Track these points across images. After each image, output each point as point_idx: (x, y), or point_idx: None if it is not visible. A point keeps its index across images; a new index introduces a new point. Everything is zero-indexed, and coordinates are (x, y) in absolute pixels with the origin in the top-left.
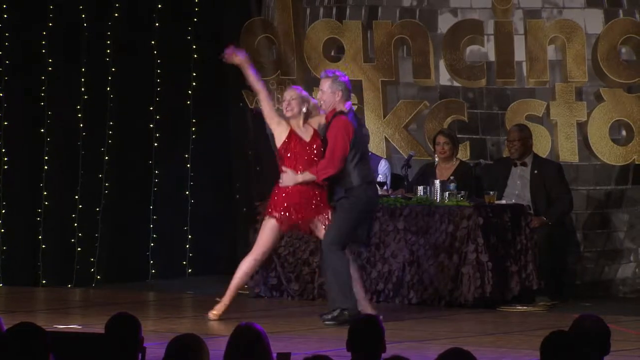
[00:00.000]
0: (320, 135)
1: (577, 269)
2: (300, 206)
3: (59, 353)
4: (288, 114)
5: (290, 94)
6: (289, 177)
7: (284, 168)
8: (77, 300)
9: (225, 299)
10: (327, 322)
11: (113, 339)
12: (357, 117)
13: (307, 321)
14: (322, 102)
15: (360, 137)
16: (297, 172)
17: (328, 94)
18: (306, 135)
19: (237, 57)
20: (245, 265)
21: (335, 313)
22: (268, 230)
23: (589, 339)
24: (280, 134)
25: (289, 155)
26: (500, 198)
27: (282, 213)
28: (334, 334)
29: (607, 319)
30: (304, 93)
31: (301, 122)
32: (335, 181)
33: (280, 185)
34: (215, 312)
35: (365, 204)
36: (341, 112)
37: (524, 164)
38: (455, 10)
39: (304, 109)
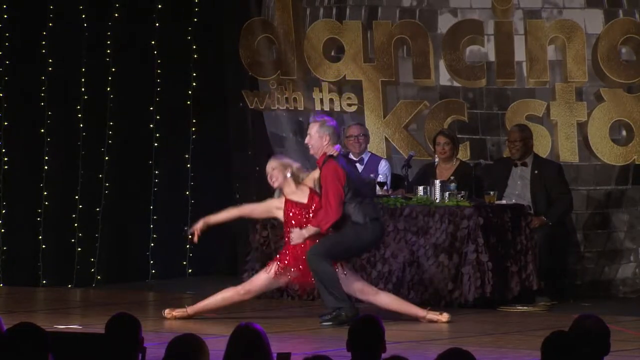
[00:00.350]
0: (318, 192)
1: (577, 269)
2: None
3: (59, 353)
4: (275, 185)
5: (270, 165)
6: (296, 235)
7: (290, 229)
8: (77, 300)
9: (191, 310)
10: (324, 323)
11: (113, 339)
12: (349, 159)
13: (307, 321)
14: (310, 146)
15: (354, 178)
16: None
17: (316, 138)
18: (302, 197)
19: (201, 226)
20: (227, 293)
21: (332, 314)
22: (264, 277)
23: (590, 339)
24: (280, 212)
25: (290, 222)
26: (500, 198)
27: (281, 268)
28: (333, 334)
29: (607, 319)
30: (284, 160)
31: (293, 186)
32: (339, 225)
33: (291, 244)
34: (174, 313)
35: (369, 243)
36: (331, 157)
37: (524, 164)
38: (455, 11)
39: (288, 174)
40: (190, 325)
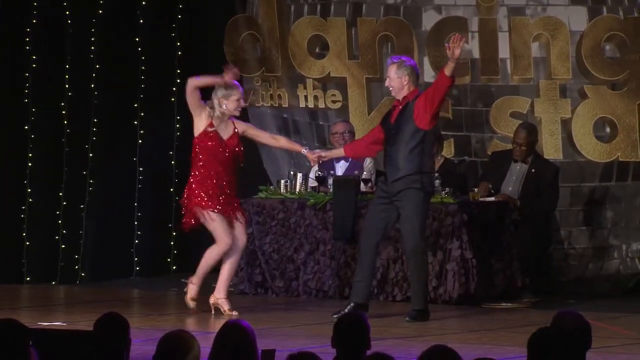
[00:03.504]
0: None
1: (561, 266)
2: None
3: (45, 351)
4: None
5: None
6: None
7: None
8: (62, 297)
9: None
10: (407, 319)
11: (102, 338)
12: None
13: (292, 318)
14: (390, 88)
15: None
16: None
17: (395, 79)
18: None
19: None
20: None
21: (417, 315)
22: (219, 223)
23: (573, 335)
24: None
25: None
26: (496, 192)
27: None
28: (318, 330)
29: (591, 316)
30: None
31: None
32: (405, 162)
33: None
34: (189, 299)
35: (429, 196)
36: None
37: (525, 162)
38: (440, 8)
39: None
40: (174, 322)
